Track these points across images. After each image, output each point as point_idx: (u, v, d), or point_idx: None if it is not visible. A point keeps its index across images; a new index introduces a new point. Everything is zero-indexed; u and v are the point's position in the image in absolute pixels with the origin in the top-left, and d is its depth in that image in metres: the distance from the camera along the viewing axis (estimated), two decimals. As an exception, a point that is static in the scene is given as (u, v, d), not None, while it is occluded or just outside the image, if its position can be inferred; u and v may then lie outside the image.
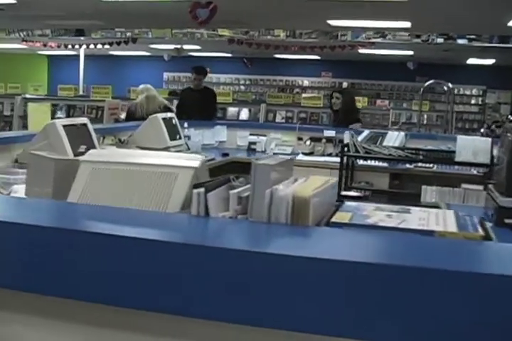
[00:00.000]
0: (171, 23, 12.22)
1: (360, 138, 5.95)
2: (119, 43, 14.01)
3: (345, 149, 5.59)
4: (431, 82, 9.44)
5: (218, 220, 1.71)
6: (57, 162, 2.10)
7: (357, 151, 5.45)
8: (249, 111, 10.65)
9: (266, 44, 13.63)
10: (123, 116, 8.59)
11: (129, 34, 14.37)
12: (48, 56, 23.36)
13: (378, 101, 16.76)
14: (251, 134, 6.78)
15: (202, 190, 1.72)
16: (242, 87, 20.96)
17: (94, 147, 4.18)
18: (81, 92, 13.30)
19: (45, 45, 14.95)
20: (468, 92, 19.83)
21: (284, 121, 10.40)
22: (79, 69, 18.85)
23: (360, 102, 11.72)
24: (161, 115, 5.37)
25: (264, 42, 13.64)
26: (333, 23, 11.54)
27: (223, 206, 1.79)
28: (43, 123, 4.51)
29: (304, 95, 11.39)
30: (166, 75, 21.80)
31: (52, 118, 9.14)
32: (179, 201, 1.91)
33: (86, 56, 18.47)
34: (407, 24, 11.29)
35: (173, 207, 1.90)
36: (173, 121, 5.53)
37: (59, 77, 21.09)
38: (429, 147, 5.94)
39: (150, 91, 8.08)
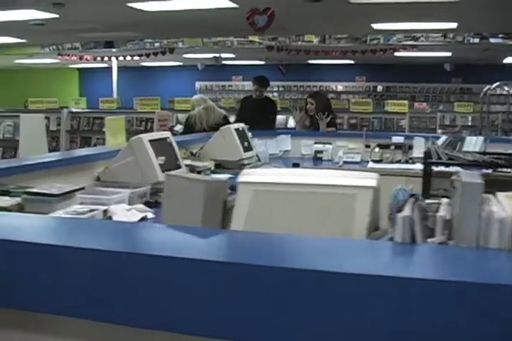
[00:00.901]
0: (213, 31, 12.03)
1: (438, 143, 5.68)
2: (156, 54, 13.86)
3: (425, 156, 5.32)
4: (498, 83, 9.04)
5: (436, 248, 1.47)
6: (207, 185, 1.85)
7: (439, 158, 5.18)
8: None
9: (306, 50, 13.39)
10: (177, 128, 8.38)
11: (157, 44, 14.27)
12: (79, 69, 23.34)
13: (416, 104, 16.45)
14: (316, 142, 6.53)
15: (406, 214, 1.47)
16: (276, 94, 20.71)
17: (177, 162, 3.97)
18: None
19: (80, 58, 14.82)
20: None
21: (333, 127, 10.13)
22: (110, 81, 18.78)
23: (402, 106, 11.43)
24: (233, 126, 5.15)
25: (303, 48, 13.40)
26: (376, 26, 11.29)
27: (424, 230, 1.55)
28: (119, 138, 4.32)
29: (353, 100, 11.11)
30: (198, 84, 21.65)
31: (103, 132, 9.01)
32: (363, 226, 1.66)
33: (117, 68, 18.39)
34: (453, 25, 11.00)
35: (358, 233, 1.65)
36: (245, 132, 5.30)
37: (90, 90, 21.06)
38: (510, 151, 5.66)
39: (207, 102, 7.85)
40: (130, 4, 8.79)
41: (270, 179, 1.74)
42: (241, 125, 5.33)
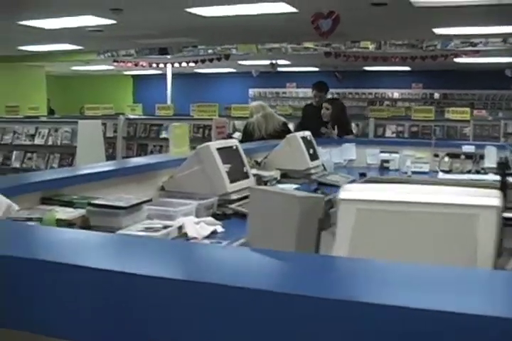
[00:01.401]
0: (270, 37, 11.85)
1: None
2: (211, 60, 13.76)
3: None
4: None
5: None
6: (302, 201, 1.63)
7: (519, 168, 4.86)
8: (357, 125, 10.12)
9: (364, 56, 13.10)
10: (236, 135, 8.20)
11: (210, 51, 14.17)
12: (133, 76, 23.46)
13: (475, 112, 15.98)
14: (382, 151, 6.26)
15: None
16: (330, 101, 20.43)
17: (245, 171, 3.77)
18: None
19: (136, 65, 14.81)
20: None
21: (394, 135, 9.84)
22: (164, 88, 18.78)
23: (464, 113, 11.03)
24: (299, 134, 4.93)
25: (361, 54, 13.13)
26: (438, 31, 10.96)
27: None
28: (183, 146, 4.14)
29: (414, 107, 10.79)
30: (252, 91, 21.53)
31: (159, 139, 8.89)
32: (489, 252, 1.42)
33: (171, 75, 18.39)
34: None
35: (483, 261, 1.41)
36: (311, 140, 5.08)
37: (144, 97, 21.12)
38: None
39: (266, 108, 7.63)
40: (188, 9, 8.68)
41: (377, 196, 1.51)
42: (307, 133, 5.10)
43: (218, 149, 3.48)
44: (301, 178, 4.87)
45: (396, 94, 20.59)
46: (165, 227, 2.06)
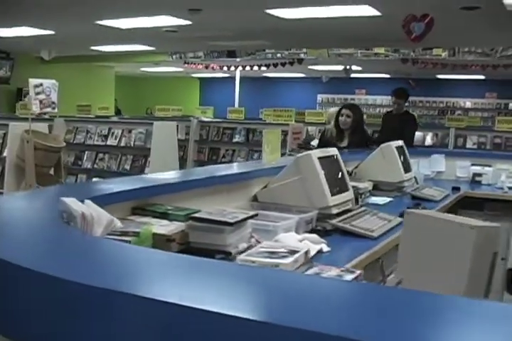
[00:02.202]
0: (347, 41, 11.50)
1: None
2: (283, 64, 13.48)
3: None
4: None
5: None
6: (479, 231, 1.31)
7: None
8: (436, 135, 9.69)
9: (443, 63, 12.63)
10: (314, 143, 7.89)
11: (279, 55, 13.89)
12: (200, 78, 23.37)
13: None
14: (473, 164, 5.86)
15: None
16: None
17: (345, 183, 3.45)
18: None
19: (206, 67, 14.65)
20: None
21: (475, 147, 9.38)
22: (231, 91, 18.61)
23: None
24: (394, 143, 4.59)
25: (440, 61, 12.66)
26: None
27: None
28: (275, 152, 3.85)
29: (498, 118, 10.28)
30: (320, 97, 21.17)
31: (232, 143, 8.65)
32: None
33: (234, 78, 18.23)
34: None
35: None
36: (404, 150, 4.74)
37: (210, 99, 20.99)
38: None
39: (344, 115, 7.33)
40: (269, 11, 8.41)
41: None
42: (400, 142, 4.76)
43: (319, 158, 3.18)
44: (393, 191, 4.54)
45: (468, 103, 19.94)
46: (290, 252, 1.76)
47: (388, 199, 4.27)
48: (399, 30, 7.72)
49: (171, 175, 3.29)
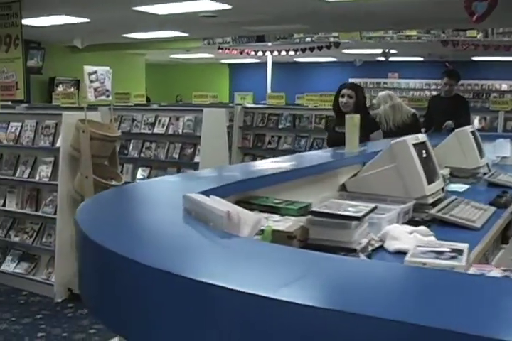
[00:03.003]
0: (389, 24, 11.21)
1: None
2: (320, 48, 13.24)
3: None
4: None
5: None
6: None
7: None
8: (484, 119, 9.40)
9: (485, 45, 12.29)
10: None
11: (308, 39, 13.63)
12: (229, 64, 23.16)
13: None
14: (539, 150, 5.63)
15: None
16: (434, 93, 19.55)
17: (436, 170, 3.25)
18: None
19: (241, 53, 14.44)
20: None
21: (528, 131, 9.06)
22: (262, 76, 18.38)
23: None
24: (468, 128, 4.37)
25: (473, 42, 12.33)
26: None
27: None
28: (356, 140, 3.66)
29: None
30: (351, 81, 20.84)
31: (278, 129, 8.45)
32: None
33: (264, 63, 17.99)
34: None
35: None
36: (477, 136, 4.52)
37: (240, 85, 20.80)
38: None
39: (394, 99, 7.11)
40: (313, -8, 8.20)
41: None
42: (475, 126, 4.54)
43: (414, 145, 2.98)
44: (469, 177, 4.32)
45: (504, 85, 19.52)
46: (455, 251, 1.57)
47: (466, 187, 4.05)
48: (446, 10, 7.49)
49: (258, 166, 3.10)
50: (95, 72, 4.92)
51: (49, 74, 15.51)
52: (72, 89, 14.82)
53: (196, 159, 6.71)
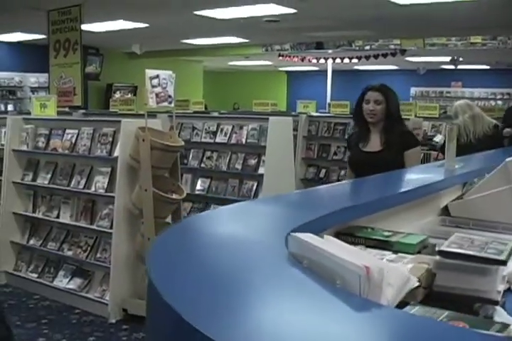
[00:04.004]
0: (462, 29, 10.65)
1: None
2: (385, 55, 12.74)
3: None
4: None
5: None
6: None
7: None
8: None
9: None
10: (438, 138, 7.19)
11: (367, 47, 13.17)
12: (288, 72, 22.78)
13: None
14: None
15: None
16: (500, 102, 18.76)
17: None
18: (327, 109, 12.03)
19: (302, 60, 14.03)
20: None
21: None
22: (320, 84, 17.95)
23: None
24: None
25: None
26: None
27: None
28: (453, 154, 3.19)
29: None
30: (413, 90, 20.20)
31: (345, 140, 7.99)
32: None
33: (323, 71, 17.53)
34: None
35: None
36: None
37: (298, 93, 20.38)
38: None
39: (474, 108, 6.63)
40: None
41: None
42: None
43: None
44: None
45: None
46: None
47: None
48: None
49: (343, 189, 2.65)
50: (157, 76, 4.55)
51: (107, 81, 15.38)
52: (129, 96, 14.64)
53: (260, 170, 6.30)
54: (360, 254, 1.15)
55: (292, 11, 8.97)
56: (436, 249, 1.63)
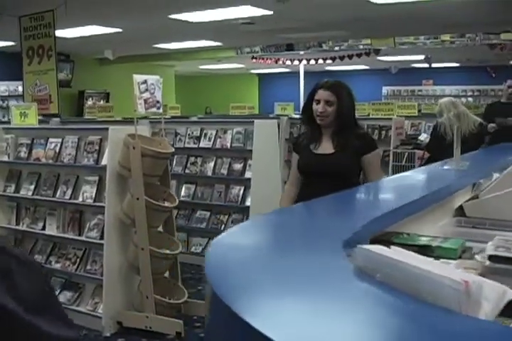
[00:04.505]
0: (435, 27, 10.67)
1: None
2: (359, 55, 12.74)
3: None
4: None
5: None
6: None
7: None
8: None
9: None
10: (422, 137, 7.17)
11: (336, 48, 13.16)
12: (259, 74, 22.71)
13: None
14: None
15: None
16: (470, 99, 18.89)
17: None
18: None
19: (276, 62, 13.97)
20: None
21: None
22: (292, 86, 17.93)
23: None
24: None
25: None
26: None
27: None
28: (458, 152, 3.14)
29: None
30: (385, 89, 20.25)
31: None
32: None
33: (294, 73, 17.52)
34: None
35: None
36: None
37: (269, 96, 20.36)
38: None
39: (459, 106, 6.62)
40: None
41: None
42: None
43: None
44: None
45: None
46: None
47: None
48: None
49: (363, 197, 2.57)
50: (145, 81, 4.44)
51: (78, 88, 15.16)
52: (102, 102, 14.45)
53: (247, 175, 6.23)
54: (442, 266, 1.07)
55: (269, 12, 8.91)
56: (487, 253, 1.56)
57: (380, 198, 2.42)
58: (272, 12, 8.86)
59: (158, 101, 4.56)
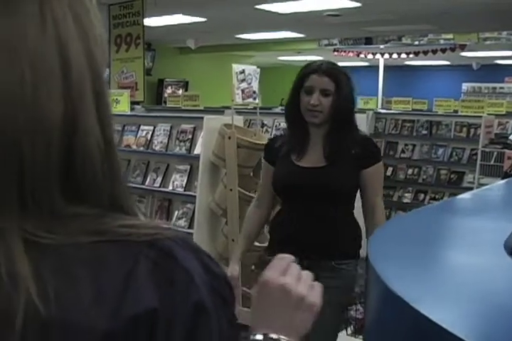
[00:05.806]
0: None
1: None
2: (443, 51, 12.43)
3: None
4: None
5: None
6: None
7: None
8: None
9: None
10: (512, 137, 6.95)
11: (416, 42, 12.87)
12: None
13: None
14: None
15: None
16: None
17: None
18: (379, 106, 11.70)
19: (357, 55, 13.78)
20: None
21: None
22: (371, 80, 17.61)
23: None
24: None
25: None
26: None
27: None
28: None
29: None
30: (465, 86, 19.73)
31: (413, 137, 7.77)
32: None
33: (373, 67, 17.20)
34: None
35: None
36: None
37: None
38: None
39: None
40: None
41: None
42: None
43: None
44: None
45: None
46: None
47: None
48: None
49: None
50: (243, 71, 4.41)
51: (158, 76, 15.30)
52: (180, 91, 14.55)
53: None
54: None
55: (357, 4, 8.75)
56: None
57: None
58: (360, 4, 8.71)
59: (254, 92, 4.52)
